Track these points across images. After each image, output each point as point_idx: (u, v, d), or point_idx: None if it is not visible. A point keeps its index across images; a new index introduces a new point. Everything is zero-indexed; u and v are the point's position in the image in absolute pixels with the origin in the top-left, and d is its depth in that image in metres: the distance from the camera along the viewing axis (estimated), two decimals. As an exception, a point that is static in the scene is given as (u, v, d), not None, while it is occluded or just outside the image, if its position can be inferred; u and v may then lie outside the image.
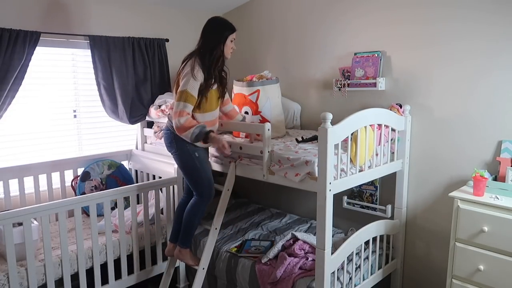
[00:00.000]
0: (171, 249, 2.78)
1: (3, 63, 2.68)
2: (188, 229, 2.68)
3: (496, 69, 2.46)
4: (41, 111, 3.15)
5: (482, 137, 2.55)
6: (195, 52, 2.53)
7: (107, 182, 3.34)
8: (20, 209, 2.39)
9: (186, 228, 2.68)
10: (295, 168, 2.29)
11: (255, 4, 3.74)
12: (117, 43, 3.23)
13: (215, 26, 2.53)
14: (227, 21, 2.57)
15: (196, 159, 2.57)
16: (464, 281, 2.34)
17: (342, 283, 2.45)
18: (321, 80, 3.29)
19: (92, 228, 2.66)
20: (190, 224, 2.67)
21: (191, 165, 2.59)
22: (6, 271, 2.35)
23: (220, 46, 2.51)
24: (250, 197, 3.97)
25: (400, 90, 2.87)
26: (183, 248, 2.70)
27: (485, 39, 2.48)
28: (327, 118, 2.09)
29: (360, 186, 3.07)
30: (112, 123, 3.48)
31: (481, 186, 2.31)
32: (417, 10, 2.73)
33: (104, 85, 3.23)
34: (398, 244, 2.92)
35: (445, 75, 2.66)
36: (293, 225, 3.31)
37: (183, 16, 3.76)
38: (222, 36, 2.50)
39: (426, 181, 2.82)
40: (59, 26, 3.00)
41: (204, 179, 2.62)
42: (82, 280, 2.64)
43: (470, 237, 2.28)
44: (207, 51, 2.48)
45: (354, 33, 3.07)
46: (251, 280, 2.69)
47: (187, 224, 2.67)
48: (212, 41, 2.49)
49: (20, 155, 3.07)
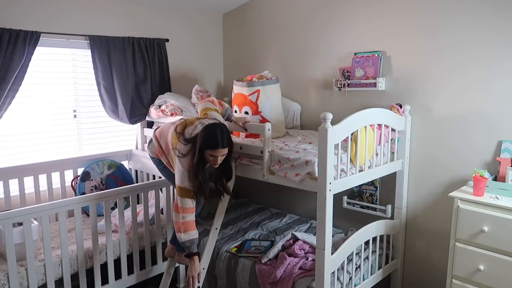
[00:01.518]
0: (171, 250, 2.78)
1: (3, 63, 2.68)
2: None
3: (496, 69, 2.47)
4: (41, 111, 3.14)
5: (482, 137, 2.55)
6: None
7: (107, 182, 3.34)
8: (20, 209, 2.39)
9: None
10: (295, 168, 2.29)
11: (255, 4, 3.74)
12: (117, 43, 3.23)
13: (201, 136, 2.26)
14: (214, 137, 2.24)
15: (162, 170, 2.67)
16: (464, 281, 2.34)
17: (342, 283, 2.45)
18: (321, 80, 3.29)
19: (92, 228, 2.66)
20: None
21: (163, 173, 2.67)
22: (6, 271, 2.34)
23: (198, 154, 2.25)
24: (250, 197, 3.97)
25: (400, 90, 2.87)
26: (180, 252, 2.68)
27: (486, 40, 2.48)
28: (327, 118, 2.10)
29: (360, 186, 3.07)
30: (112, 123, 3.48)
31: (481, 186, 2.31)
32: (417, 10, 2.73)
33: (104, 85, 3.23)
34: (398, 244, 2.92)
35: (445, 75, 2.66)
36: (293, 225, 3.31)
37: (183, 16, 3.76)
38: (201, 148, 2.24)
39: (426, 181, 2.82)
40: (59, 26, 3.00)
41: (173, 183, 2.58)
42: (82, 280, 2.64)
43: (470, 237, 2.28)
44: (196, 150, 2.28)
45: (354, 33, 3.07)
46: (251, 280, 2.69)
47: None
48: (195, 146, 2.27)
49: (20, 155, 3.07)
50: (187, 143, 2.28)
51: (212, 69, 4.06)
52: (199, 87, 3.50)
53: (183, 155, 2.27)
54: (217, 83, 4.11)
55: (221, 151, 2.26)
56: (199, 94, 3.45)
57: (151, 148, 2.65)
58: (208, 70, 4.01)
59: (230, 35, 4.01)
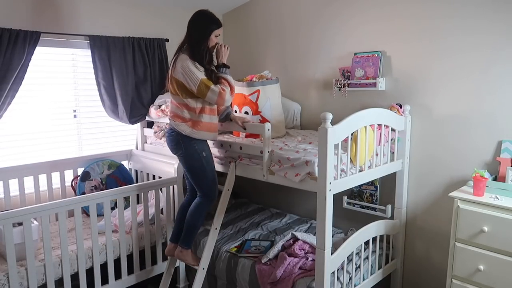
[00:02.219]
0: (172, 249, 2.78)
1: (3, 63, 2.68)
2: (191, 229, 2.67)
3: (497, 69, 2.46)
4: (41, 111, 3.15)
5: (482, 137, 2.55)
6: (181, 49, 2.52)
7: (107, 182, 3.34)
8: (20, 209, 2.39)
9: (189, 228, 2.67)
10: (295, 168, 2.29)
11: (255, 4, 3.74)
12: (117, 43, 3.23)
13: (200, 21, 2.49)
14: (212, 16, 2.52)
15: (204, 158, 2.57)
16: (464, 281, 2.34)
17: (342, 283, 2.45)
18: (321, 80, 3.29)
19: (92, 228, 2.66)
20: (193, 225, 2.66)
21: (198, 165, 2.58)
22: (6, 271, 2.35)
23: (205, 41, 2.48)
24: (250, 197, 3.97)
25: (400, 90, 2.87)
26: (184, 248, 2.69)
27: (486, 40, 2.48)
28: (327, 118, 2.09)
29: (360, 186, 3.07)
30: (112, 123, 3.48)
31: (481, 186, 2.31)
32: (417, 10, 2.73)
33: (104, 85, 3.23)
34: (398, 244, 2.92)
35: (445, 75, 2.66)
36: (293, 225, 3.31)
37: (183, 16, 3.72)
38: (207, 30, 2.47)
39: (426, 181, 2.82)
40: (59, 26, 3.00)
41: (210, 179, 2.62)
42: (82, 280, 2.64)
43: (470, 237, 2.28)
44: (194, 47, 2.47)
45: (354, 33, 3.07)
46: (251, 280, 2.69)
47: (190, 225, 2.66)
48: (197, 36, 2.47)
49: (20, 155, 3.07)
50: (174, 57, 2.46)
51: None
52: (199, 87, 3.49)
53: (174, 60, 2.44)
54: (217, 83, 4.11)
55: (221, 29, 2.51)
56: (199, 94, 3.44)
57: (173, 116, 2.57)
58: (208, 70, 4.01)
59: (230, 35, 4.01)
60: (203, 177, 2.60)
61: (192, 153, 2.55)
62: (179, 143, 2.55)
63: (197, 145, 2.55)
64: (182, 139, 2.53)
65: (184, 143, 2.54)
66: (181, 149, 2.56)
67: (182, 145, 2.55)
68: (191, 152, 2.55)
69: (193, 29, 2.49)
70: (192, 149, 2.54)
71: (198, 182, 2.63)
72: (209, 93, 2.41)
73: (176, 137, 2.55)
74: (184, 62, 2.41)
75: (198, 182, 2.63)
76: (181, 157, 2.61)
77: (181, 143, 2.54)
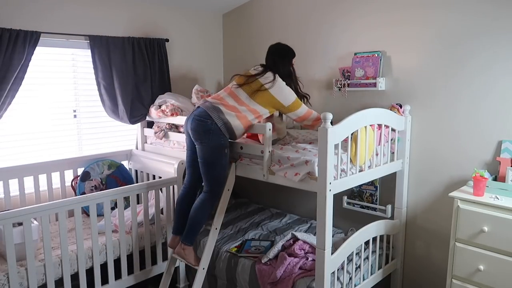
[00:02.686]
0: (174, 242, 2.75)
1: (3, 63, 2.68)
2: (195, 226, 2.63)
3: (497, 69, 2.46)
4: (41, 111, 3.14)
5: (482, 137, 2.55)
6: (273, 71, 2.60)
7: (107, 182, 3.34)
8: (20, 209, 2.39)
9: (193, 225, 2.62)
10: (295, 168, 2.29)
11: (255, 4, 3.74)
12: (117, 43, 3.23)
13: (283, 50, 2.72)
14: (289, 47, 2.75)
15: (225, 155, 2.55)
16: (464, 281, 2.34)
17: (342, 283, 2.45)
18: (321, 80, 3.29)
19: (92, 228, 2.66)
20: (197, 222, 2.62)
21: (217, 159, 2.53)
22: (6, 271, 2.34)
23: (293, 71, 2.71)
24: (250, 197, 3.97)
25: (400, 90, 2.87)
26: (187, 245, 2.66)
27: (486, 40, 2.48)
28: (327, 118, 2.10)
29: (360, 186, 3.07)
30: (112, 123, 3.48)
31: (481, 186, 2.31)
32: (417, 10, 2.73)
33: (104, 85, 3.23)
34: (398, 244, 2.92)
35: (445, 75, 2.67)
36: (293, 225, 3.31)
37: (183, 16, 3.77)
38: (290, 58, 2.71)
39: (426, 181, 2.82)
40: (59, 26, 3.00)
41: (222, 176, 2.60)
42: (82, 280, 2.64)
43: (470, 237, 2.28)
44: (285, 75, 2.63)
45: (354, 33, 3.07)
46: (251, 280, 2.69)
47: (194, 221, 2.62)
48: (286, 67, 2.66)
49: (20, 155, 3.07)
50: (264, 72, 2.58)
51: (212, 69, 4.06)
52: (199, 87, 3.50)
53: (273, 80, 2.54)
54: (217, 83, 4.11)
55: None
56: (199, 94, 3.45)
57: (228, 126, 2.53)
58: (208, 70, 4.01)
59: (230, 35, 4.01)
60: (218, 173, 2.57)
61: (216, 146, 2.51)
62: (209, 132, 2.47)
63: (223, 140, 2.51)
64: (214, 130, 2.47)
65: (213, 135, 2.48)
66: (207, 139, 2.49)
67: (210, 136, 2.48)
68: (215, 145, 2.50)
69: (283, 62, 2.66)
70: (218, 142, 2.50)
71: (210, 176, 2.58)
72: (301, 109, 2.60)
73: (209, 125, 2.47)
74: (283, 84, 2.58)
75: (210, 176, 2.58)
76: (203, 145, 2.51)
77: (210, 133, 2.48)
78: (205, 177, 2.61)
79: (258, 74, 2.58)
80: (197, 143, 2.56)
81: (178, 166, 3.06)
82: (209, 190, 2.61)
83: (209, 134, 2.48)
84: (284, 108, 2.57)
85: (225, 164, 2.58)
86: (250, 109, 2.53)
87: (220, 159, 2.54)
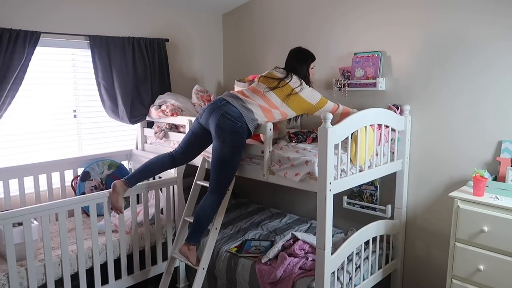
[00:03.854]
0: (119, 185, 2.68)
1: (3, 63, 2.68)
2: (203, 225, 2.59)
3: (497, 69, 2.46)
4: (41, 111, 3.14)
5: (482, 137, 2.55)
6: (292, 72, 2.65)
7: (107, 182, 3.34)
8: (20, 209, 2.39)
9: (200, 224, 2.58)
10: (295, 168, 2.29)
11: (255, 4, 3.74)
12: (117, 43, 3.23)
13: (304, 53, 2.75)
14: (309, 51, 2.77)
15: (240, 155, 2.52)
16: (464, 281, 2.34)
17: (342, 283, 2.45)
18: (321, 80, 3.29)
19: (92, 228, 2.66)
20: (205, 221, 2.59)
21: (234, 159, 2.49)
22: (6, 271, 2.34)
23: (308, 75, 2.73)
24: (250, 197, 3.97)
25: (400, 90, 2.87)
26: (192, 244, 2.61)
27: (485, 40, 2.48)
28: (327, 118, 2.10)
29: (360, 186, 3.07)
30: (112, 123, 3.48)
31: (481, 186, 2.31)
32: (417, 10, 2.73)
33: (104, 85, 3.23)
34: (398, 244, 2.92)
35: (445, 75, 2.67)
36: (293, 225, 3.31)
37: (183, 16, 3.76)
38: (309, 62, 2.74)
39: (426, 181, 2.82)
40: (59, 26, 3.00)
41: (232, 176, 2.59)
42: (82, 280, 2.64)
43: (470, 237, 2.28)
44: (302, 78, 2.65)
45: (354, 33, 3.07)
46: (251, 280, 2.69)
47: (202, 220, 2.58)
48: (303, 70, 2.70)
49: (20, 155, 3.07)
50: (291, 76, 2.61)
51: (212, 69, 4.06)
52: (199, 87, 3.50)
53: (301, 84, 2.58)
54: (217, 83, 4.11)
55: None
56: (199, 94, 3.45)
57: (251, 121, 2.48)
58: (208, 70, 4.01)
59: (230, 35, 4.01)
60: (229, 171, 2.53)
61: (237, 146, 2.46)
62: (236, 133, 2.41)
63: (244, 141, 2.48)
64: (241, 131, 2.42)
65: (238, 136, 2.42)
66: (230, 139, 2.42)
67: (236, 136, 2.42)
68: (237, 145, 2.46)
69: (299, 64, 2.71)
70: (240, 143, 2.46)
71: (221, 174, 2.53)
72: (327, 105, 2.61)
73: (238, 127, 2.41)
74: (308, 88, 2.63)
75: (221, 174, 2.53)
76: (225, 144, 2.44)
77: (237, 134, 2.42)
78: (216, 174, 2.53)
79: (287, 78, 2.60)
80: (217, 140, 2.46)
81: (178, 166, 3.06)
82: (217, 190, 2.56)
83: (235, 135, 2.43)
84: (313, 107, 2.58)
85: (238, 164, 2.56)
86: (281, 112, 2.56)
87: (237, 159, 2.51)
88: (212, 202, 2.57)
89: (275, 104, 2.53)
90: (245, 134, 2.46)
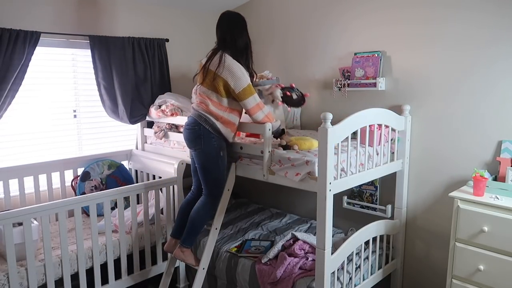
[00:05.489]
0: (172, 245, 2.75)
1: (3, 63, 2.68)
2: (195, 229, 2.63)
3: (496, 69, 2.46)
4: (41, 111, 3.14)
5: (482, 137, 2.55)
6: (222, 48, 2.49)
7: (107, 182, 3.34)
8: (20, 209, 2.39)
9: (192, 227, 2.62)
10: (296, 168, 2.29)
11: (255, 4, 3.74)
12: (117, 43, 3.23)
13: (241, 22, 2.55)
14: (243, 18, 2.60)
15: (220, 158, 2.54)
16: (464, 281, 2.34)
17: (342, 283, 2.45)
18: (321, 80, 3.29)
19: (92, 228, 2.66)
20: (197, 224, 2.62)
21: (213, 164, 2.54)
22: (6, 271, 2.34)
23: (249, 43, 2.56)
24: (250, 197, 3.97)
25: (400, 90, 2.87)
26: (185, 247, 2.66)
27: (486, 40, 2.48)
28: (327, 118, 2.10)
29: (360, 186, 3.07)
30: (112, 123, 3.48)
31: (481, 186, 2.31)
32: (417, 10, 2.73)
33: (104, 85, 3.23)
34: (398, 244, 2.92)
35: (445, 75, 2.67)
36: (293, 225, 3.31)
37: (183, 16, 3.76)
38: (245, 27, 2.55)
39: (426, 181, 2.82)
40: (59, 26, 3.00)
41: (220, 179, 2.60)
42: (82, 280, 2.64)
43: (470, 237, 2.28)
44: (242, 52, 2.52)
45: (354, 33, 3.07)
46: (251, 280, 2.69)
47: (194, 224, 2.62)
48: (243, 38, 2.53)
49: (20, 155, 3.07)
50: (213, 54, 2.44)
51: (212, 69, 4.05)
52: (199, 87, 3.49)
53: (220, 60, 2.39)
54: (217, 83, 4.11)
55: None
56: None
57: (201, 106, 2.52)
58: (208, 70, 4.01)
59: (230, 35, 4.00)
60: (215, 176, 2.57)
61: (210, 151, 2.51)
62: (200, 137, 2.49)
63: (216, 143, 2.51)
64: (204, 134, 2.48)
65: (205, 139, 2.49)
66: (200, 144, 2.50)
67: (202, 140, 2.49)
68: (209, 149, 2.50)
69: (238, 32, 2.52)
70: (211, 146, 2.50)
71: (207, 180, 2.59)
72: (250, 99, 2.44)
73: (197, 131, 2.49)
74: (232, 63, 2.43)
75: (207, 180, 2.59)
76: (198, 151, 2.53)
77: (202, 138, 2.49)
78: (203, 181, 2.62)
79: (208, 61, 2.48)
80: (192, 151, 2.61)
81: (178, 166, 3.06)
82: (208, 194, 2.62)
83: (201, 140, 2.50)
84: (235, 94, 2.44)
85: (222, 167, 2.58)
86: (224, 107, 2.50)
87: (216, 162, 2.54)
88: (204, 206, 2.62)
89: (212, 98, 2.48)
90: (210, 136, 2.48)
